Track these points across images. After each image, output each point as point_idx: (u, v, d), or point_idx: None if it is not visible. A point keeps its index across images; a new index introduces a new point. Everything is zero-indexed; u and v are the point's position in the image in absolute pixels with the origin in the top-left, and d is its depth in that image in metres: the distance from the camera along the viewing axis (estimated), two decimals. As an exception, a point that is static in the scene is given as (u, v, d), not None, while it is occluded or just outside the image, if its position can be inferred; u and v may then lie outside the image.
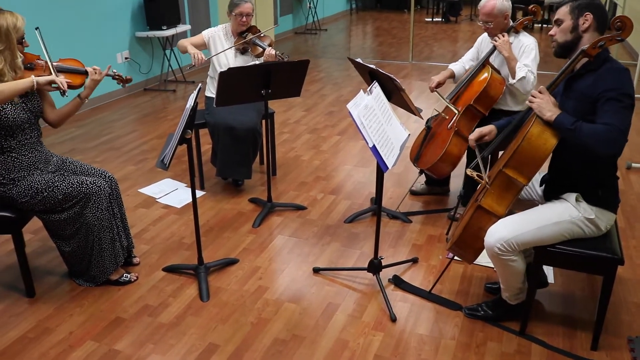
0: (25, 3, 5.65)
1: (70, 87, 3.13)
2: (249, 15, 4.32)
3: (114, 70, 3.39)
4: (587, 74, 2.54)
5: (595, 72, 2.51)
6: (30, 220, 3.27)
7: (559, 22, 2.63)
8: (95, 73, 3.21)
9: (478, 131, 2.98)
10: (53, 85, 2.83)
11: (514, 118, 3.07)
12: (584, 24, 2.55)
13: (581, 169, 2.64)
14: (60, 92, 3.00)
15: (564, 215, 2.62)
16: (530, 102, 2.61)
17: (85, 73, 3.21)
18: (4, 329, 2.97)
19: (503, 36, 3.77)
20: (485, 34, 4.04)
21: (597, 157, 2.51)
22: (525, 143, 2.56)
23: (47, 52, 3.07)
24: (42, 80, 2.84)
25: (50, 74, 3.04)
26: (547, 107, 2.54)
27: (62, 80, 2.96)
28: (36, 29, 3.12)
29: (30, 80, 2.83)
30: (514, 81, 3.66)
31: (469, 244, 2.81)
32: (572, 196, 2.64)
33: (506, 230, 2.63)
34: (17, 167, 3.01)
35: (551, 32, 2.69)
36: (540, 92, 2.59)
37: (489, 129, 2.99)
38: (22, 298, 3.21)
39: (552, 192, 2.78)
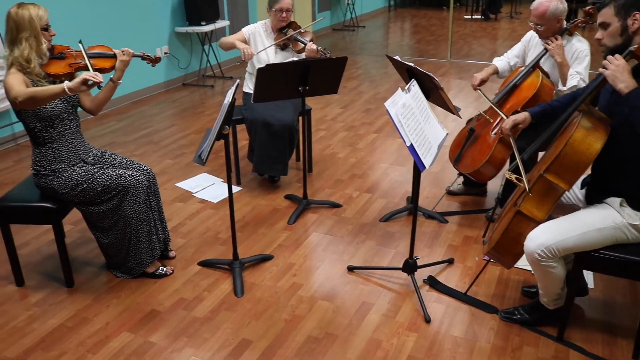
0: (69, -2, 5.76)
1: (101, 71, 3.17)
2: (289, 11, 4.32)
3: (142, 51, 3.43)
4: (638, 75, 2.43)
5: None
6: (70, 212, 3.34)
7: (605, 26, 2.51)
8: (124, 54, 3.24)
9: (512, 119, 2.91)
10: (89, 82, 2.86)
11: (550, 105, 2.99)
12: (633, 24, 2.44)
13: (626, 173, 2.55)
14: (97, 87, 3.04)
15: (608, 220, 2.54)
16: (603, 68, 2.44)
17: (114, 56, 3.25)
18: (44, 317, 3.03)
19: (556, 39, 3.61)
20: (534, 32, 3.91)
21: None
22: (568, 148, 2.48)
23: (89, 61, 3.11)
24: (73, 85, 2.85)
25: (82, 59, 3.10)
26: (622, 76, 2.36)
27: (93, 74, 2.92)
28: (79, 42, 3.18)
29: (61, 87, 2.86)
30: (565, 89, 3.52)
31: (507, 249, 2.75)
32: (615, 201, 2.56)
33: (547, 236, 2.56)
34: (58, 158, 3.07)
35: (598, 36, 2.55)
36: (615, 59, 2.41)
37: (523, 116, 2.92)
38: (62, 288, 3.28)
39: (594, 196, 2.70)
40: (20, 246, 3.62)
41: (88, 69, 3.11)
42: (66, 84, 2.85)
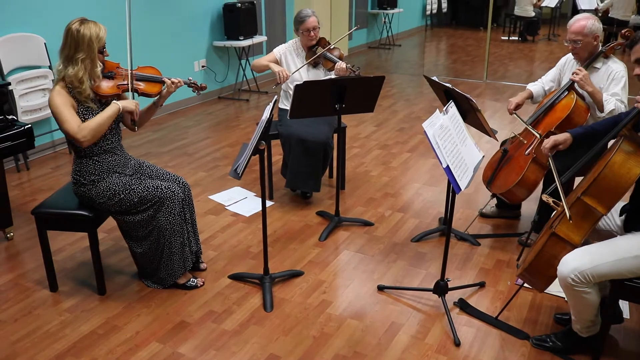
0: (109, 12, 5.89)
1: (148, 95, 3.28)
2: (316, 29, 4.36)
3: (189, 78, 3.48)
4: None
5: None
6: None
7: None
8: (173, 85, 3.32)
9: (553, 139, 2.88)
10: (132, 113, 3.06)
11: (592, 127, 2.95)
12: None
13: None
14: (132, 121, 3.19)
15: None
16: (637, 103, 2.44)
17: (162, 82, 3.31)
18: (76, 323, 3.08)
19: (580, 71, 3.57)
20: (569, 55, 3.87)
21: None
22: (607, 171, 2.45)
23: (131, 87, 3.19)
24: (125, 106, 3.07)
25: (129, 82, 3.19)
26: None
27: (137, 108, 3.14)
28: (131, 71, 3.23)
29: (117, 107, 3.03)
30: (604, 115, 3.46)
31: (541, 271, 2.71)
32: (655, 228, 2.52)
33: (582, 261, 2.51)
34: (98, 169, 3.12)
35: (637, 72, 2.53)
36: None
37: (564, 137, 2.89)
38: (94, 295, 3.32)
39: (632, 223, 2.64)
40: (55, 252, 3.69)
41: (134, 92, 3.20)
42: (121, 104, 3.01)
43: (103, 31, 3.02)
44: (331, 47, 4.40)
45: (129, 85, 3.15)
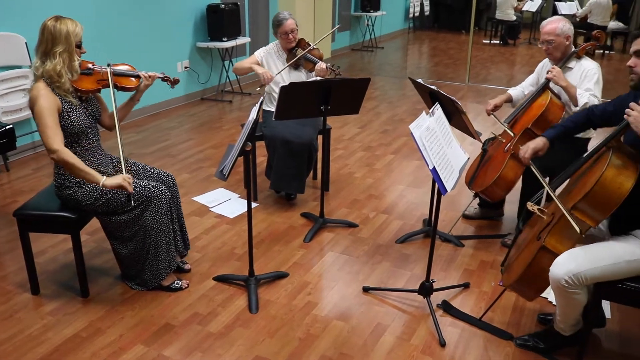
0: (91, 11, 5.84)
1: (126, 89, 3.28)
2: (294, 31, 4.37)
3: (163, 72, 3.48)
4: None
5: None
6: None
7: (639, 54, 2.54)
8: (149, 79, 3.33)
9: (532, 148, 2.92)
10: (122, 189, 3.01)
11: (563, 125, 2.99)
12: None
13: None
14: (127, 196, 3.08)
15: (637, 253, 2.51)
16: (626, 115, 2.45)
17: (138, 77, 3.31)
18: (59, 327, 3.04)
19: (554, 69, 3.68)
20: (546, 60, 3.98)
21: None
22: (598, 187, 2.43)
23: (112, 85, 3.17)
24: (110, 184, 2.96)
25: (109, 78, 3.16)
26: None
27: (128, 184, 2.98)
28: (108, 65, 3.22)
29: (99, 181, 2.96)
30: (578, 109, 3.55)
31: (531, 283, 2.69)
32: (643, 233, 2.55)
33: (576, 263, 2.52)
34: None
35: (630, 63, 2.57)
36: (639, 104, 2.43)
37: (542, 143, 2.93)
38: (77, 297, 3.28)
39: (619, 227, 2.67)
40: (37, 254, 3.64)
41: (114, 87, 3.17)
42: (104, 181, 2.96)
43: (79, 28, 3.03)
44: (311, 48, 4.41)
45: (109, 81, 3.14)
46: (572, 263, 2.53)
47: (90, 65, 3.16)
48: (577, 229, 2.52)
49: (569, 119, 3.02)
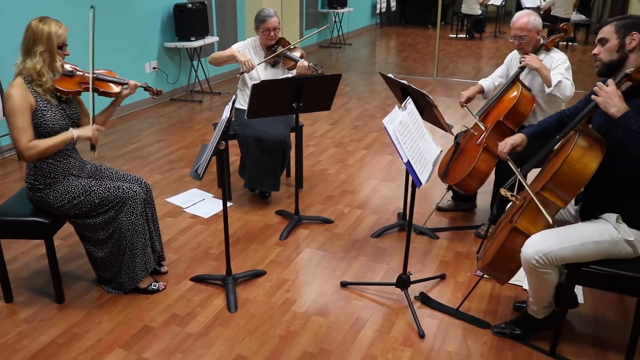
0: (56, 11, 5.74)
1: (107, 95, 3.26)
2: (276, 29, 4.35)
3: (145, 82, 3.46)
4: (636, 96, 2.50)
5: None
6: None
7: (603, 42, 2.61)
8: (135, 87, 3.33)
9: (510, 144, 2.97)
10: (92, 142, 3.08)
11: (541, 125, 3.07)
12: (630, 43, 2.54)
13: (620, 191, 2.61)
14: (91, 146, 3.12)
15: (604, 234, 2.59)
16: (595, 95, 2.52)
17: (123, 84, 3.29)
18: (34, 334, 2.99)
19: (528, 55, 3.76)
20: (515, 52, 4.05)
21: None
22: (565, 167, 2.53)
23: (92, 89, 3.14)
24: (81, 134, 3.05)
25: (90, 82, 3.13)
26: (612, 102, 2.44)
27: (96, 137, 3.10)
28: (92, 70, 3.19)
29: (70, 135, 3.02)
30: (551, 89, 3.60)
31: (503, 265, 2.77)
32: (612, 217, 2.62)
33: (546, 243, 2.59)
34: (53, 172, 3.05)
35: (595, 51, 2.66)
36: (606, 85, 2.48)
37: (520, 139, 2.98)
38: (52, 303, 3.24)
39: (589, 212, 2.75)
40: (9, 261, 3.56)
41: (95, 91, 3.15)
42: (76, 132, 3.02)
43: (63, 29, 3.03)
44: (291, 47, 4.40)
45: (90, 84, 3.10)
46: (542, 243, 2.60)
47: (69, 67, 3.14)
48: (548, 217, 2.60)
49: (545, 120, 3.10)
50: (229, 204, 4.43)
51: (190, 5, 7.18)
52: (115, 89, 3.27)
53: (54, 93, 3.05)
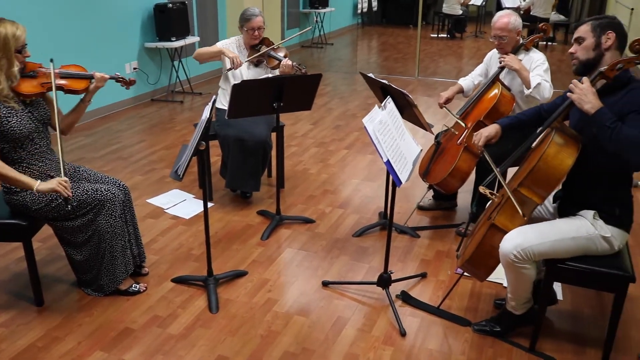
0: (36, 12, 5.69)
1: (75, 92, 3.18)
2: (261, 29, 4.34)
3: (117, 74, 3.41)
4: (610, 93, 2.55)
5: (621, 90, 2.53)
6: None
7: (580, 40, 2.64)
8: (103, 79, 3.24)
9: (485, 136, 3.00)
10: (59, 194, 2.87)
11: (517, 117, 3.10)
12: (606, 42, 2.58)
13: (596, 188, 2.65)
14: (63, 200, 2.90)
15: (581, 231, 2.63)
16: (569, 92, 2.55)
17: (88, 78, 3.22)
18: (13, 338, 2.96)
19: (507, 55, 3.79)
20: (494, 51, 4.08)
21: (624, 164, 2.49)
22: (542, 163, 2.56)
23: (54, 86, 3.05)
24: (43, 189, 2.84)
25: (52, 80, 3.05)
26: (587, 98, 2.47)
27: (64, 188, 2.83)
28: (51, 60, 3.09)
29: (32, 186, 2.85)
30: (530, 90, 3.64)
31: (481, 262, 2.80)
32: (589, 213, 2.65)
33: (523, 238, 2.62)
34: (29, 175, 2.99)
35: (571, 50, 2.69)
36: (581, 82, 2.52)
37: (494, 130, 3.02)
38: (31, 307, 3.20)
39: (567, 209, 2.79)
40: (-13, 264, 3.55)
41: (60, 89, 3.09)
42: (37, 186, 2.84)
43: (21, 30, 2.90)
44: (275, 47, 4.39)
45: (52, 83, 3.03)
46: (520, 238, 2.63)
47: (36, 69, 3.06)
48: (520, 212, 2.63)
49: (522, 113, 3.13)
50: (210, 204, 4.43)
51: (170, 5, 7.15)
52: (82, 85, 3.20)
53: (15, 98, 2.97)
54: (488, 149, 3.04)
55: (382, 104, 2.99)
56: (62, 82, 3.15)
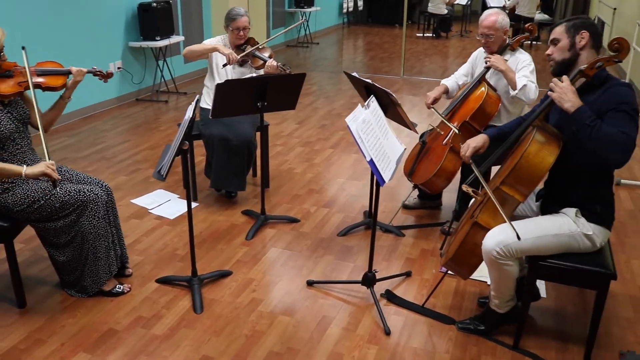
0: (18, 12, 5.64)
1: (53, 89, 3.15)
2: (246, 29, 4.34)
3: (94, 67, 3.39)
4: (589, 92, 2.57)
5: (599, 88, 2.55)
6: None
7: (555, 42, 2.68)
8: (78, 74, 3.22)
9: (473, 147, 3.00)
10: (48, 176, 2.84)
11: (502, 129, 3.11)
12: (580, 41, 2.61)
13: (577, 186, 2.67)
14: (52, 183, 2.90)
15: (563, 228, 2.65)
16: (550, 91, 2.58)
17: (65, 73, 3.20)
18: (-5, 340, 2.94)
19: (493, 55, 3.80)
20: (480, 50, 4.08)
21: (603, 162, 2.50)
22: (523, 161, 2.58)
23: (31, 82, 3.02)
24: (32, 173, 2.82)
25: (28, 79, 3.01)
26: (566, 97, 2.50)
27: (52, 170, 2.83)
28: (22, 48, 3.07)
29: (20, 172, 2.82)
30: (516, 91, 3.66)
31: (464, 260, 2.82)
32: (571, 211, 2.67)
33: (506, 235, 2.64)
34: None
35: (548, 52, 2.73)
36: (561, 81, 2.55)
37: (482, 141, 3.01)
38: (13, 308, 3.17)
39: (549, 207, 2.80)
40: (-31, 266, 3.51)
41: (38, 87, 3.06)
42: (25, 170, 2.81)
43: (0, 33, 2.89)
44: (260, 47, 4.38)
45: (29, 82, 3.00)
46: (502, 235, 2.65)
47: (12, 68, 3.03)
48: (503, 216, 2.64)
49: (507, 125, 3.12)
50: (195, 204, 4.41)
51: (154, 4, 7.11)
52: (60, 81, 3.17)
53: None
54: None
55: (366, 103, 3.00)
56: (40, 79, 3.12)
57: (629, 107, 2.45)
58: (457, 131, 3.72)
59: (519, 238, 2.59)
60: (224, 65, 4.30)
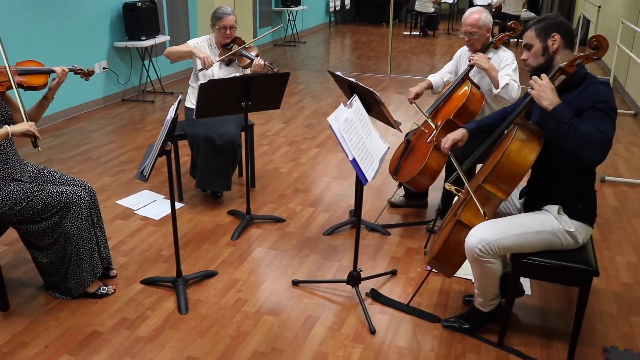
0: (0, 10, 5.59)
1: (35, 88, 3.13)
2: (233, 28, 4.33)
3: (74, 65, 3.36)
4: (567, 90, 2.58)
5: (577, 87, 2.56)
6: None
7: (528, 47, 2.69)
8: (63, 73, 3.20)
9: (451, 139, 3.02)
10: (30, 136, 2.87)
11: (483, 121, 3.13)
12: (553, 44, 2.61)
13: (558, 183, 2.69)
14: (32, 142, 2.93)
15: (546, 225, 2.66)
16: (530, 89, 2.59)
17: (46, 72, 3.18)
18: (-22, 343, 2.92)
19: (476, 54, 3.82)
20: (464, 48, 4.10)
21: (580, 161, 2.49)
22: (505, 159, 2.59)
23: (13, 82, 3.00)
24: (16, 130, 2.86)
25: (10, 78, 3.00)
26: (545, 95, 2.50)
27: (34, 130, 2.89)
28: (1, 45, 3.04)
29: (5, 132, 2.84)
30: (499, 90, 3.68)
31: (448, 258, 2.83)
32: (554, 208, 2.69)
33: (489, 232, 2.65)
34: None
35: (523, 57, 2.73)
36: (541, 79, 2.55)
37: (461, 134, 3.03)
38: (-4, 311, 3.16)
39: (532, 205, 2.82)
40: (-49, 269, 3.47)
41: (20, 87, 3.04)
42: (10, 129, 2.82)
43: None
44: (247, 46, 4.37)
45: (11, 81, 2.98)
46: (485, 232, 2.66)
47: None
48: (482, 212, 2.66)
49: (487, 117, 3.16)
50: (180, 204, 4.40)
51: (140, 3, 7.07)
52: (41, 80, 3.15)
53: None
54: (455, 150, 3.07)
55: (348, 102, 3.00)
56: (21, 79, 3.10)
57: (606, 106, 2.46)
58: (434, 126, 3.75)
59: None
60: (200, 70, 4.29)
